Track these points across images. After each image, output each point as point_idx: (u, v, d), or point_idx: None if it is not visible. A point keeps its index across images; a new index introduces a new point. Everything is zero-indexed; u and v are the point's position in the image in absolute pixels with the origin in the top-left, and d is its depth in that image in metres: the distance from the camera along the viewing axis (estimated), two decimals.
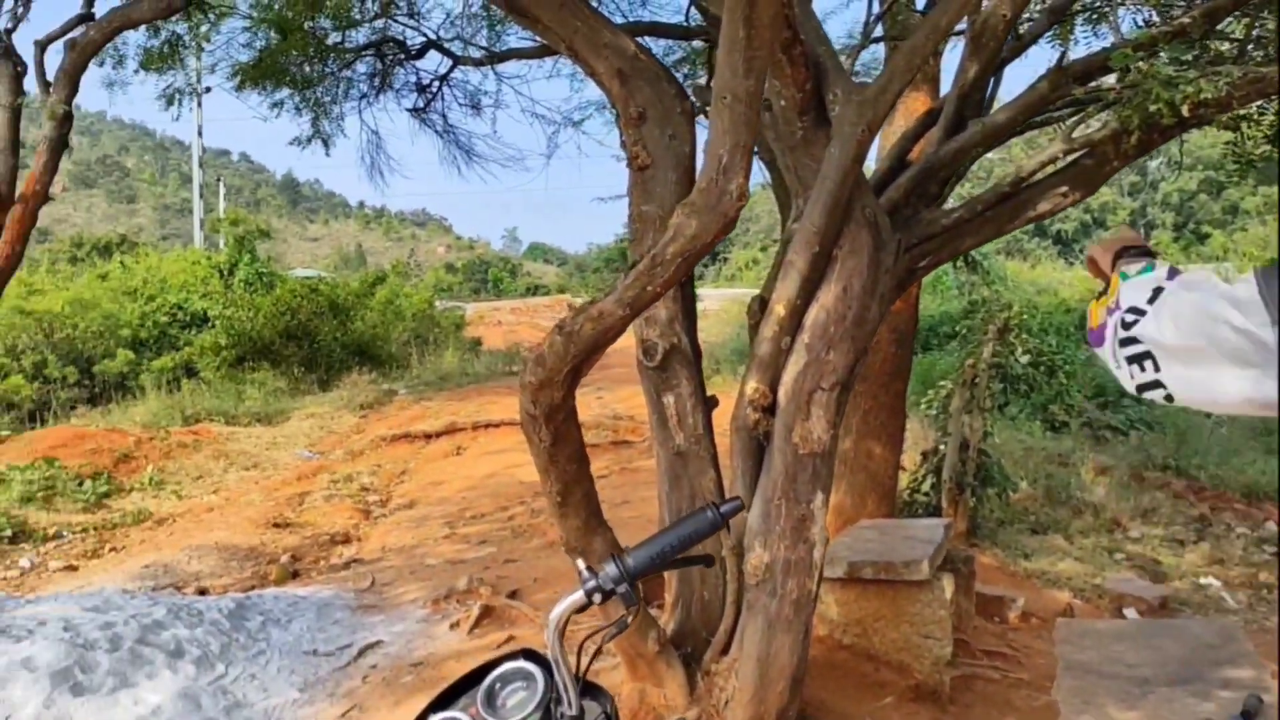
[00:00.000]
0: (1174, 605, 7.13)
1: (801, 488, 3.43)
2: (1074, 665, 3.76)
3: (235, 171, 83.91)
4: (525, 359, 2.80)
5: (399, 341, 19.51)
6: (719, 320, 22.94)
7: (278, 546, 7.44)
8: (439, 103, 8.23)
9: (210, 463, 10.77)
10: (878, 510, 6.69)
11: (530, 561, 6.34)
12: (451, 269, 54.36)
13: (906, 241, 3.84)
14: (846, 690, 4.55)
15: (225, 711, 4.15)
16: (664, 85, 3.52)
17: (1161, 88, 3.38)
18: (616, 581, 1.46)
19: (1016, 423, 12.68)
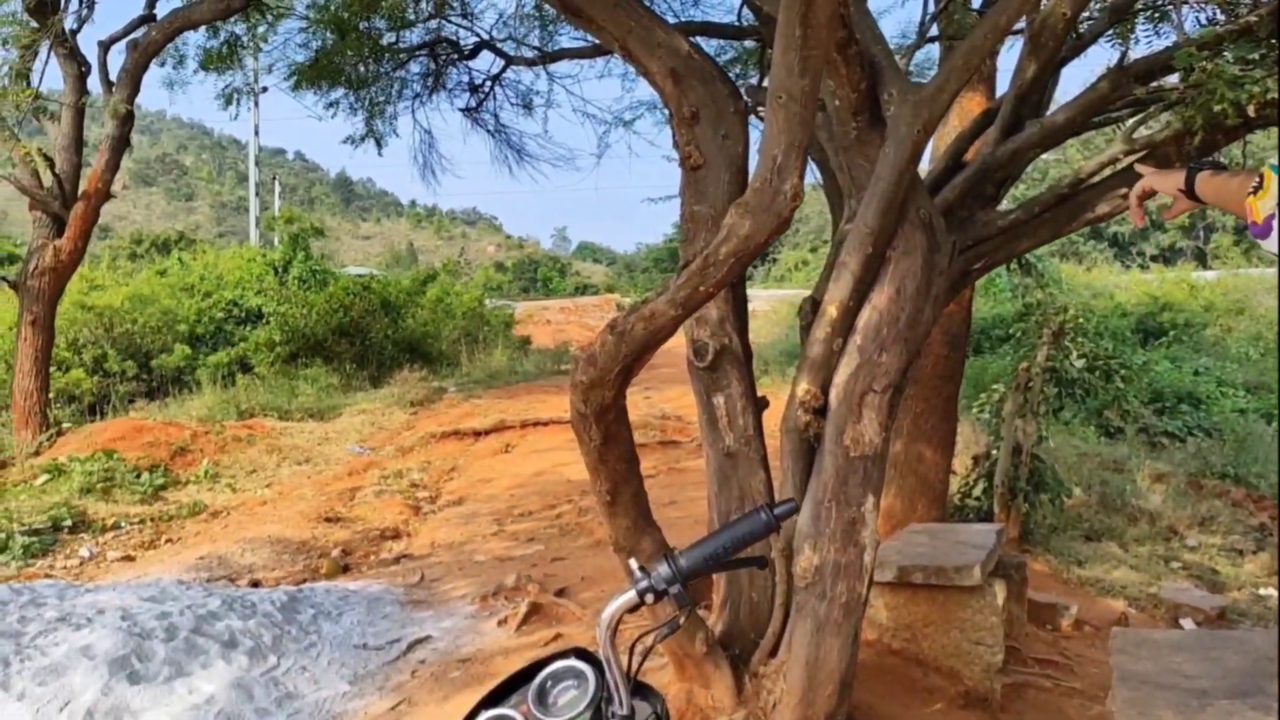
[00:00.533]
0: (1232, 616, 6.97)
1: (852, 490, 3.40)
2: (1130, 675, 3.69)
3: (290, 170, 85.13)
4: (576, 358, 2.81)
5: (449, 339, 19.66)
6: (768, 321, 22.86)
7: (329, 541, 7.53)
8: (491, 102, 8.30)
9: (264, 457, 10.93)
10: (928, 514, 6.63)
11: (578, 560, 6.36)
12: (501, 268, 54.72)
13: (961, 243, 3.80)
14: (895, 695, 4.51)
15: (277, 703, 4.21)
16: (717, 85, 3.51)
17: (1226, 87, 3.32)
18: (669, 582, 1.46)
19: (1071, 427, 12.49)
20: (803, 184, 2.47)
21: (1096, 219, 3.90)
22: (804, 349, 3.60)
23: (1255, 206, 1.49)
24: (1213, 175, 1.71)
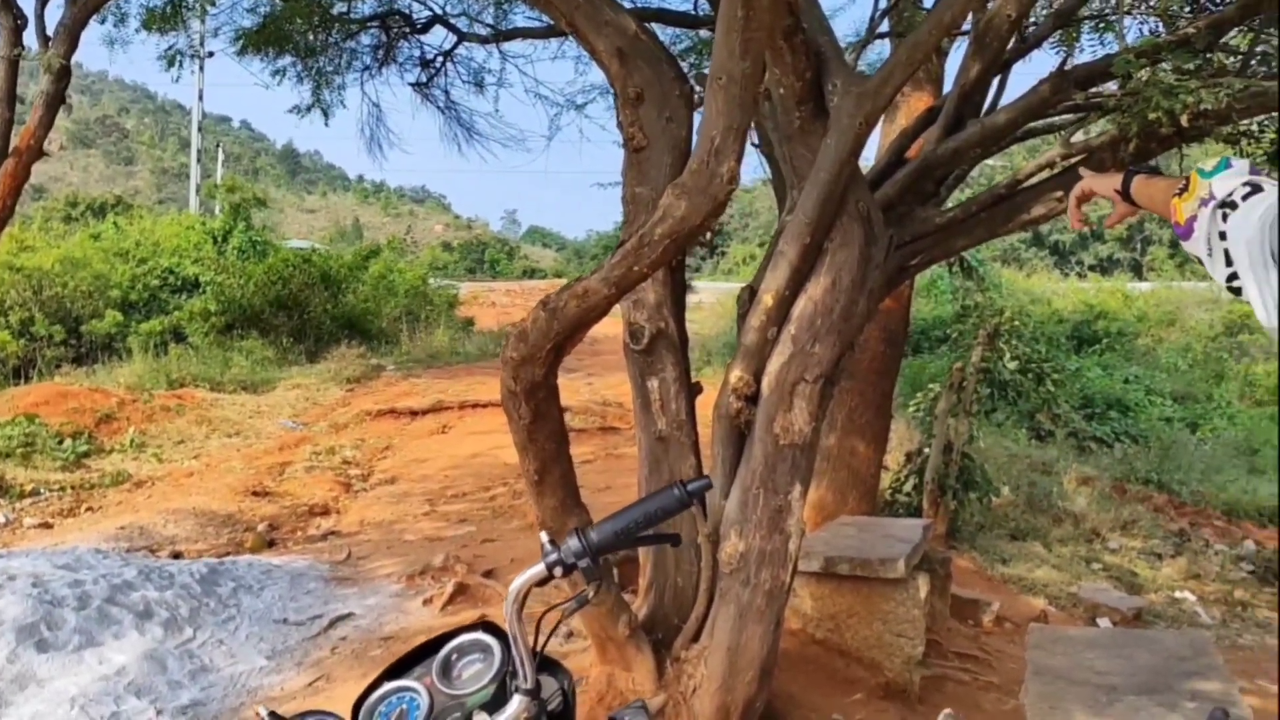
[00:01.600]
0: (1148, 617, 7.15)
1: (780, 478, 3.42)
2: (1043, 670, 3.76)
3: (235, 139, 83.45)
4: (508, 334, 2.78)
5: (390, 317, 19.40)
6: (714, 313, 22.89)
7: (255, 515, 7.41)
8: (442, 78, 8.18)
9: (193, 428, 10.72)
10: (859, 508, 6.69)
11: (509, 542, 6.32)
12: (448, 247, 54.18)
13: (899, 239, 3.82)
14: (816, 684, 4.55)
15: (190, 675, 4.12)
16: (663, 67, 3.49)
17: (1162, 96, 3.37)
18: (578, 556, 1.44)
19: (1003, 429, 12.71)
20: (740, 167, 2.46)
21: (1032, 220, 3.95)
22: (739, 337, 3.60)
23: (1179, 207, 1.51)
24: (1147, 179, 1.74)
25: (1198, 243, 1.47)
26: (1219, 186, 1.44)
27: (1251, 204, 1.37)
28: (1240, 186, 1.40)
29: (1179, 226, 1.52)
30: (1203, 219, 1.45)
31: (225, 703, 4.03)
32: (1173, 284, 27.12)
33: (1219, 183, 1.45)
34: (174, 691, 4.03)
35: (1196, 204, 1.47)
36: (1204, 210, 1.45)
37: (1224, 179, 1.45)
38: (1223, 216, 1.40)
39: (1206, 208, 1.44)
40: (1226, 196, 1.41)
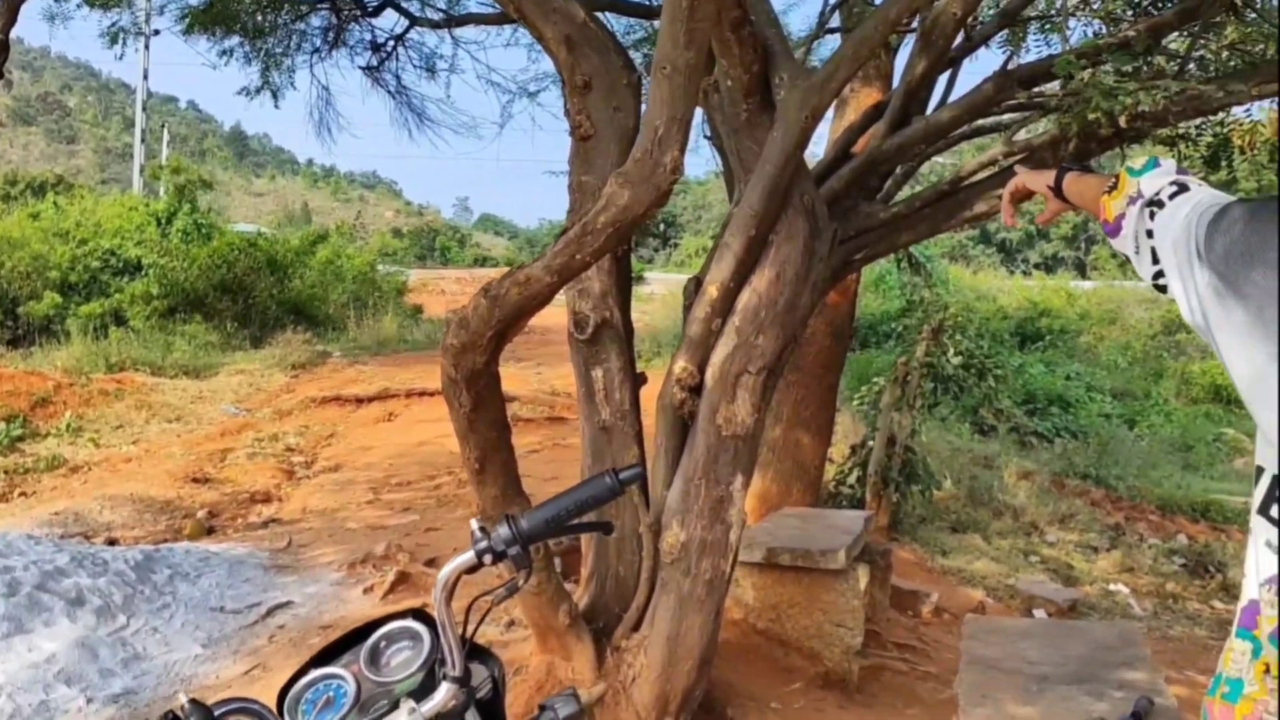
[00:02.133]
0: (1082, 609, 7.29)
1: (722, 469, 3.43)
2: (977, 660, 3.82)
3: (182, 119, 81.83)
4: (448, 320, 2.76)
5: (337, 303, 19.16)
6: (666, 304, 22.89)
7: (195, 501, 7.29)
8: (393, 63, 8.07)
9: (132, 413, 10.51)
10: (802, 499, 6.74)
11: (452, 531, 6.29)
12: (398, 234, 53.63)
13: (844, 233, 3.85)
14: (756, 674, 4.58)
15: (123, 663, 4.05)
16: (611, 56, 3.48)
17: (1102, 97, 3.43)
18: (508, 543, 1.43)
19: (946, 424, 12.88)
20: (683, 157, 2.46)
21: (975, 217, 4.00)
22: (684, 328, 3.61)
23: (1108, 205, 1.53)
24: (1079, 176, 1.76)
25: (1125, 240, 1.49)
26: (1147, 185, 1.46)
27: (1178, 203, 1.38)
28: (1167, 185, 1.42)
29: (1108, 224, 1.54)
30: (1130, 216, 1.46)
31: (158, 691, 3.97)
32: (1115, 283, 27.64)
33: (1147, 181, 1.46)
34: (105, 680, 3.96)
35: (1125, 202, 1.49)
36: (1132, 208, 1.46)
37: (1152, 178, 1.46)
38: (1150, 214, 1.42)
39: (1134, 205, 1.46)
40: (1154, 195, 1.43)
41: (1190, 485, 11.60)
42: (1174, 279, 1.35)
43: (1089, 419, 14.74)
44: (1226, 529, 10.26)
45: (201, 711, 1.30)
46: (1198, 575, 8.84)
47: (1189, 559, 9.22)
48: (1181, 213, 1.36)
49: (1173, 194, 1.40)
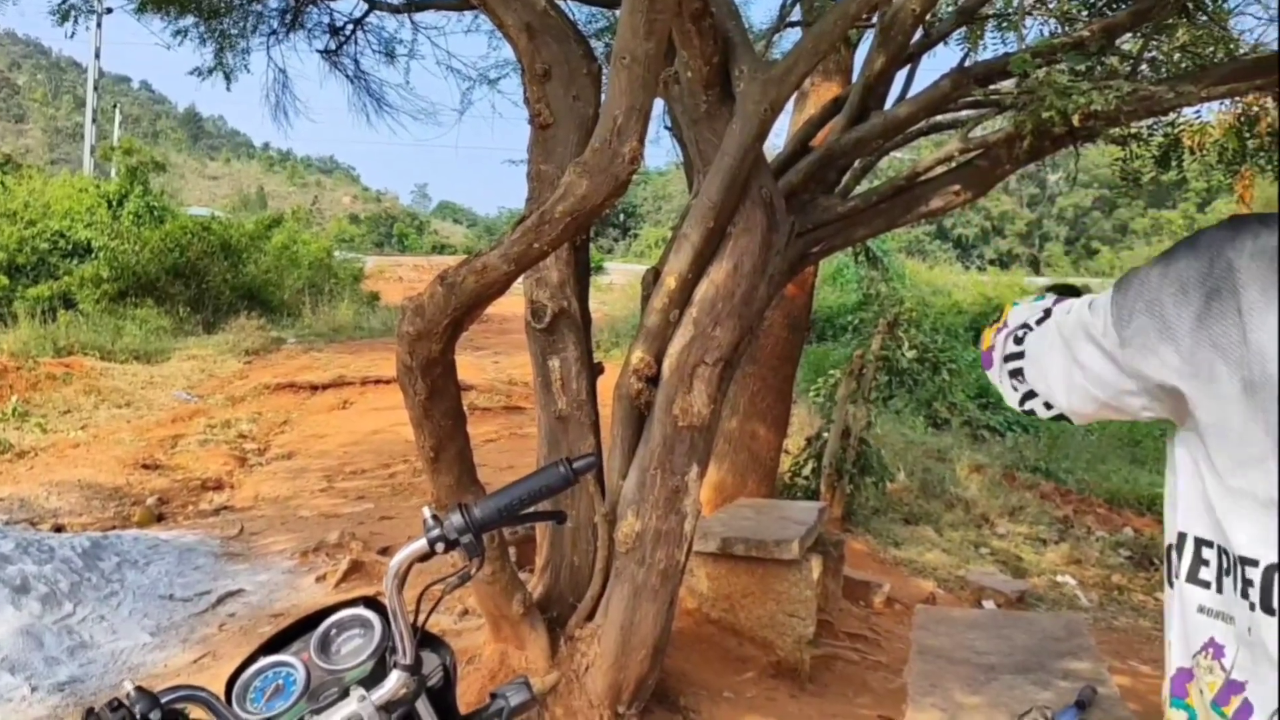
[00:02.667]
0: (1030, 600, 7.41)
1: (678, 460, 3.45)
2: (926, 649, 3.87)
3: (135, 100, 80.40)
4: (404, 308, 2.74)
5: (292, 289, 18.95)
6: (625, 294, 22.94)
7: (145, 488, 7.19)
8: (351, 47, 7.98)
9: (81, 397, 10.33)
10: (758, 490, 6.79)
11: (406, 520, 6.25)
12: (356, 220, 53.14)
13: (801, 226, 3.88)
14: (709, 663, 4.61)
15: (69, 652, 3.99)
16: (572, 45, 3.47)
17: (1056, 96, 3.47)
18: (461, 531, 1.43)
19: (901, 416, 13.01)
20: (642, 148, 2.46)
21: (930, 213, 4.05)
22: (642, 318, 3.62)
23: (987, 336, 1.49)
24: None
25: (993, 371, 1.45)
26: (1014, 316, 1.43)
27: (1047, 324, 1.35)
28: (1038, 313, 1.38)
29: (984, 355, 1.49)
30: (998, 345, 1.44)
31: (105, 680, 3.91)
32: (1067, 280, 28.07)
33: (1015, 313, 1.44)
34: (50, 668, 3.89)
35: (1005, 333, 1.45)
36: (999, 336, 1.44)
37: (1023, 308, 1.43)
38: (1015, 339, 1.39)
39: (1001, 334, 1.44)
40: (1021, 322, 1.40)
41: (1137, 479, 11.81)
42: (1056, 382, 1.30)
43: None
44: None
45: (147, 699, 1.29)
46: (1143, 568, 9.01)
47: (1135, 552, 9.40)
48: (1054, 322, 1.33)
49: (1040, 319, 1.37)
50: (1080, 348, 1.25)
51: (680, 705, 3.96)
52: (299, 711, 1.39)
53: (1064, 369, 1.28)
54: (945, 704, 3.35)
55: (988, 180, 4.03)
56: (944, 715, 3.27)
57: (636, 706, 3.56)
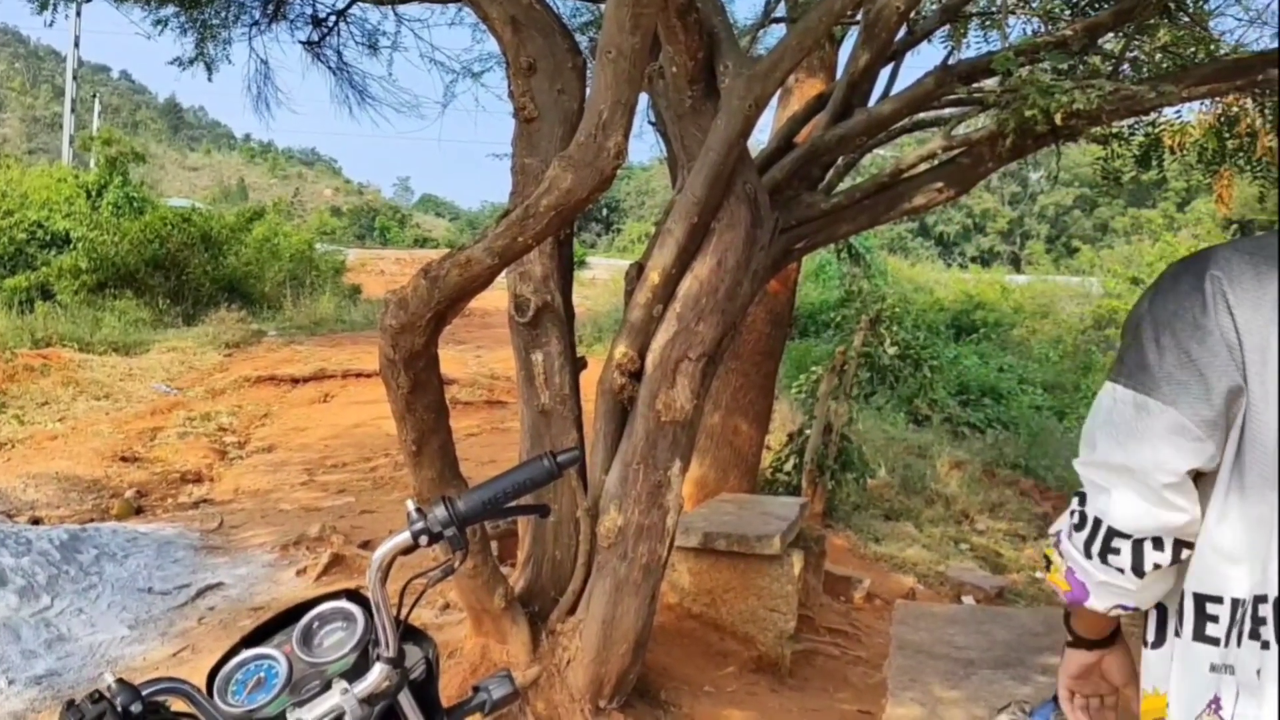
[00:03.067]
0: (1010, 596, 7.46)
1: (660, 454, 3.45)
2: (906, 644, 3.90)
3: (114, 89, 79.68)
4: (387, 301, 2.73)
5: (273, 281, 18.84)
6: (608, 289, 22.93)
7: (123, 481, 7.14)
8: (334, 38, 7.92)
9: (59, 389, 10.24)
10: (739, 486, 6.80)
11: (387, 513, 6.24)
12: (338, 212, 52.84)
13: (785, 222, 3.88)
14: (691, 657, 4.62)
15: (46, 644, 3.96)
16: (557, 38, 3.46)
17: (1038, 94, 3.49)
18: (445, 525, 1.43)
19: (882, 413, 13.06)
20: (627, 142, 2.46)
21: (913, 209, 4.06)
22: (625, 313, 3.62)
23: (1056, 582, 1.39)
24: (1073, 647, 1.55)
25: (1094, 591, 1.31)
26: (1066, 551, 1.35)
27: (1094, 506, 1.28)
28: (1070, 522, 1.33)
29: (1069, 594, 1.36)
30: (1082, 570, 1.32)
31: (83, 673, 3.89)
32: (1047, 278, 28.25)
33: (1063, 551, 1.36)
34: (28, 661, 3.87)
35: (1065, 565, 1.35)
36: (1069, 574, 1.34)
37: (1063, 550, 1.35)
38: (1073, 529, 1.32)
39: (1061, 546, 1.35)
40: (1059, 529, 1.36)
41: None
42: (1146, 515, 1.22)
43: (1020, 411, 15.04)
44: None
45: (128, 691, 1.28)
46: None
47: None
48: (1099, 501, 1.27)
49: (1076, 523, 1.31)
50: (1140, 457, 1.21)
51: (661, 700, 3.97)
52: (281, 704, 1.39)
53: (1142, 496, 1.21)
54: (925, 698, 3.37)
55: (970, 178, 4.05)
56: (923, 709, 3.29)
57: (618, 701, 3.56)
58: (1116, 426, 1.24)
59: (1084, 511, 1.29)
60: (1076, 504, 1.31)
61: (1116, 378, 1.26)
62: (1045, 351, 19.54)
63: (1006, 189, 45.33)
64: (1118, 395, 1.25)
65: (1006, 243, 46.50)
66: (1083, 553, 1.29)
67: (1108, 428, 1.25)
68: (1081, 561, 1.29)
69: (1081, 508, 1.30)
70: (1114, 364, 1.29)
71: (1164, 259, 22.52)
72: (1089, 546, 1.27)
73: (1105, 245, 35.62)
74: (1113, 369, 1.29)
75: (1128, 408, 1.23)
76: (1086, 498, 1.29)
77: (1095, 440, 1.27)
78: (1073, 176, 38.07)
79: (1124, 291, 22.80)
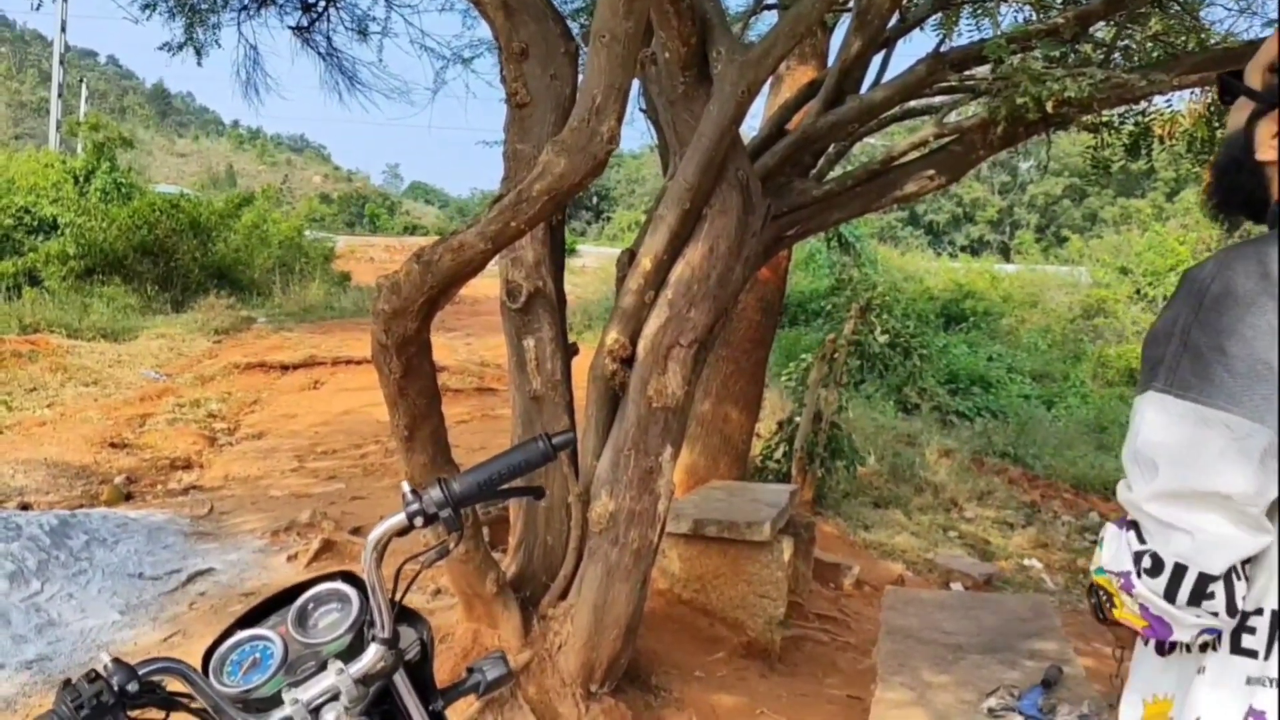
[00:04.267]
0: (998, 583, 7.51)
1: (652, 440, 3.46)
2: (895, 630, 3.92)
3: (101, 75, 79.10)
4: (380, 285, 2.72)
5: (263, 268, 18.78)
6: (597, 277, 22.90)
7: (112, 467, 7.12)
8: (324, 24, 7.88)
9: (47, 375, 10.19)
10: (730, 473, 6.82)
11: (378, 500, 6.24)
12: (327, 199, 52.61)
13: (776, 209, 3.89)
14: (681, 643, 4.64)
15: (37, 630, 3.96)
16: (549, 24, 3.45)
17: (1030, 82, 3.50)
18: (440, 506, 1.43)
19: (872, 401, 13.10)
20: (620, 127, 2.46)
21: (904, 197, 4.07)
22: (617, 299, 3.62)
23: (1126, 619, 1.26)
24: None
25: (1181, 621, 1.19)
26: (1111, 561, 1.26)
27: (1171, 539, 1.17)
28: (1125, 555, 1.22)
29: (1150, 630, 1.24)
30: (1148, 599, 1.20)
31: (74, 657, 3.88)
32: (1036, 268, 28.33)
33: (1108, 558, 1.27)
34: (18, 646, 3.86)
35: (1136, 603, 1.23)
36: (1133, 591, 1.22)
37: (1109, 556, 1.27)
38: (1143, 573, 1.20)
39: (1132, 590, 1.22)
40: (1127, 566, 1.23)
41: (1104, 465, 11.95)
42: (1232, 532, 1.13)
43: (1009, 399, 15.11)
44: None
45: (125, 671, 1.28)
46: None
47: (1099, 536, 9.52)
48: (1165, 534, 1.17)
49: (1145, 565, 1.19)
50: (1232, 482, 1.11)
51: (652, 684, 3.99)
52: (277, 684, 1.39)
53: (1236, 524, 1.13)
54: (914, 682, 3.39)
55: (962, 166, 4.06)
56: (912, 694, 3.32)
57: (609, 685, 3.58)
58: (1187, 447, 1.13)
59: (1156, 554, 1.17)
60: (1133, 540, 1.20)
61: (1167, 389, 1.15)
62: (1034, 341, 19.63)
63: (996, 178, 45.42)
64: (1173, 409, 1.14)
65: (996, 232, 46.61)
66: (1163, 598, 1.17)
67: (1170, 449, 1.14)
68: (1167, 608, 1.17)
69: (1147, 547, 1.18)
70: (1153, 374, 1.17)
71: (1152, 249, 22.63)
72: (1173, 594, 1.15)
73: (1094, 235, 35.72)
74: (1153, 379, 1.17)
75: (1193, 425, 1.12)
76: (1150, 535, 1.18)
77: (1154, 464, 1.16)
78: (1062, 166, 38.16)
79: (1112, 281, 22.91)
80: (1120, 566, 1.23)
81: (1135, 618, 1.23)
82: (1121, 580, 1.23)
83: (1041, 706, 3.13)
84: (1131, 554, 1.20)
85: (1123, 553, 1.22)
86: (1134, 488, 1.20)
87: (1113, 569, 1.25)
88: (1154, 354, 1.18)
